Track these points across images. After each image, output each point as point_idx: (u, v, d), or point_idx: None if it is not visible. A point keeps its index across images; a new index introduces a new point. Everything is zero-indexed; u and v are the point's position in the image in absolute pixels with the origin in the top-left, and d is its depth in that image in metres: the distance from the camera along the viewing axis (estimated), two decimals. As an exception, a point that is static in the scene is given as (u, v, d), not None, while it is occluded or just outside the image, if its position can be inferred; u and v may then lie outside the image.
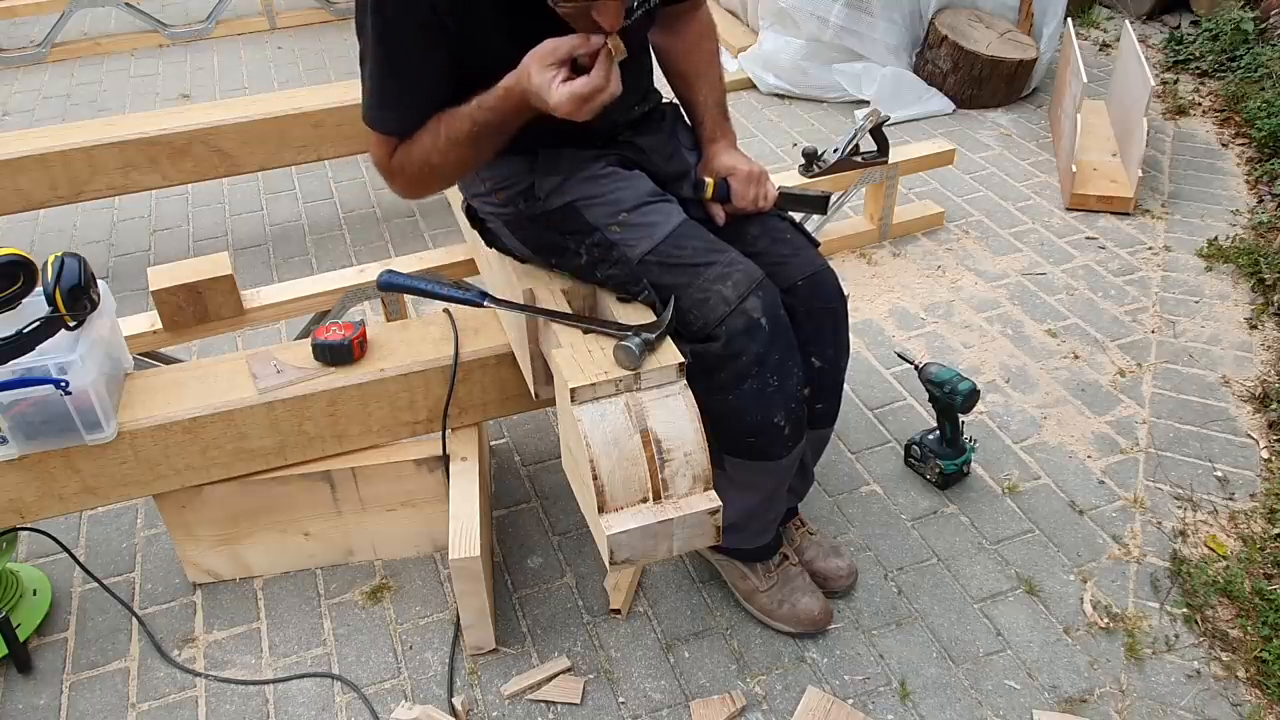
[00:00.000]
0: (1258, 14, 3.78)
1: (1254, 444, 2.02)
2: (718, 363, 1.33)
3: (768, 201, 1.52)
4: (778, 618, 1.63)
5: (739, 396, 1.34)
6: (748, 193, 1.49)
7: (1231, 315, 2.42)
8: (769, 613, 1.64)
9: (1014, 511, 1.88)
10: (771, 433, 1.38)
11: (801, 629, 1.62)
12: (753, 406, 1.35)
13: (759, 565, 1.64)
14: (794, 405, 1.40)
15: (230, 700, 1.57)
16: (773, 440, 1.39)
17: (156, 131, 2.45)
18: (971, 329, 2.40)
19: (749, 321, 1.32)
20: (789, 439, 1.41)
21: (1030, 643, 1.62)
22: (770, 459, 1.41)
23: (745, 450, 1.39)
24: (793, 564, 1.65)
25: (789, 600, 1.62)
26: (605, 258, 1.39)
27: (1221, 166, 3.12)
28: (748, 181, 1.50)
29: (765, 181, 1.52)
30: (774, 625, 1.64)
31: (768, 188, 1.52)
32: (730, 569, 1.68)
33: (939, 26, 3.49)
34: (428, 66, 1.27)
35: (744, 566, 1.65)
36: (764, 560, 1.63)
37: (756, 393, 1.34)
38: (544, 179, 1.43)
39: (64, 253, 1.45)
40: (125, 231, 2.96)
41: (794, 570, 1.65)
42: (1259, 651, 1.58)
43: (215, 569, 1.76)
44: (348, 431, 1.66)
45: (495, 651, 1.63)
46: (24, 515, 1.56)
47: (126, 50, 4.38)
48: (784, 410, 1.38)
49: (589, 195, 1.42)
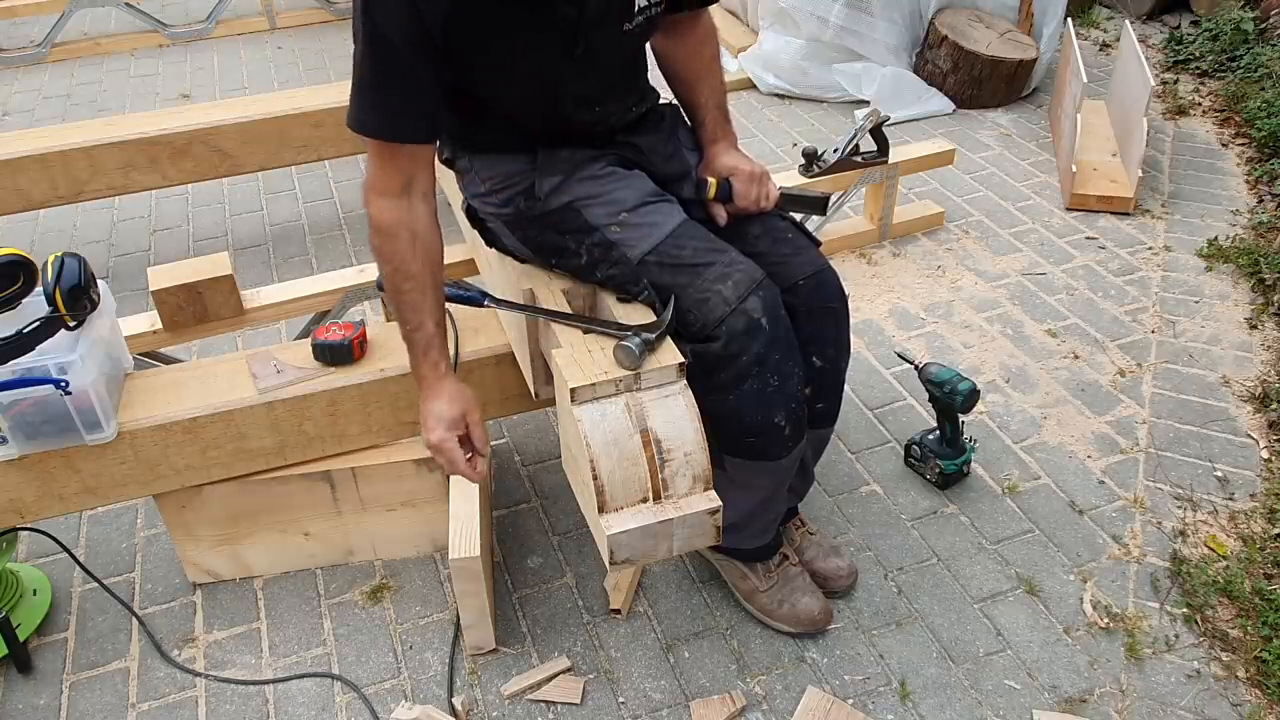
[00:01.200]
0: (1258, 14, 3.78)
1: (1254, 444, 2.02)
2: (718, 363, 1.33)
3: (770, 201, 1.52)
4: (777, 618, 1.63)
5: (739, 396, 1.34)
6: (750, 192, 1.50)
7: (1231, 315, 2.42)
8: (769, 613, 1.64)
9: (1014, 511, 1.88)
10: (772, 433, 1.38)
11: (801, 629, 1.62)
12: (753, 406, 1.35)
13: (759, 565, 1.64)
14: (794, 405, 1.40)
15: (230, 700, 1.57)
16: (773, 440, 1.39)
17: (156, 131, 2.44)
18: (971, 329, 2.40)
19: (749, 322, 1.32)
20: (789, 439, 1.40)
21: (1030, 643, 1.62)
22: (770, 459, 1.41)
23: (745, 450, 1.39)
24: (793, 564, 1.65)
25: (789, 600, 1.62)
26: (605, 258, 1.39)
27: (1221, 166, 3.12)
28: (750, 181, 1.50)
29: (767, 181, 1.52)
30: (774, 625, 1.64)
31: (769, 187, 1.52)
32: (730, 569, 1.68)
33: (939, 26, 3.49)
34: (411, 79, 1.25)
35: (744, 566, 1.65)
36: (764, 560, 1.63)
37: (757, 393, 1.34)
38: (544, 179, 1.42)
39: (64, 253, 1.45)
40: (125, 231, 2.96)
41: (794, 570, 1.65)
42: (1259, 651, 1.58)
43: (215, 569, 1.76)
44: (348, 431, 1.66)
45: (495, 651, 1.63)
46: (24, 515, 1.56)
47: (126, 50, 4.38)
48: (784, 410, 1.38)
49: (589, 195, 1.42)
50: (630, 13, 1.33)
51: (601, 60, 1.36)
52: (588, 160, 1.44)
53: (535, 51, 1.30)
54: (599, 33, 1.32)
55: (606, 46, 1.35)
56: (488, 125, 1.43)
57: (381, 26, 1.20)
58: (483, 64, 1.28)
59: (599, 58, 1.35)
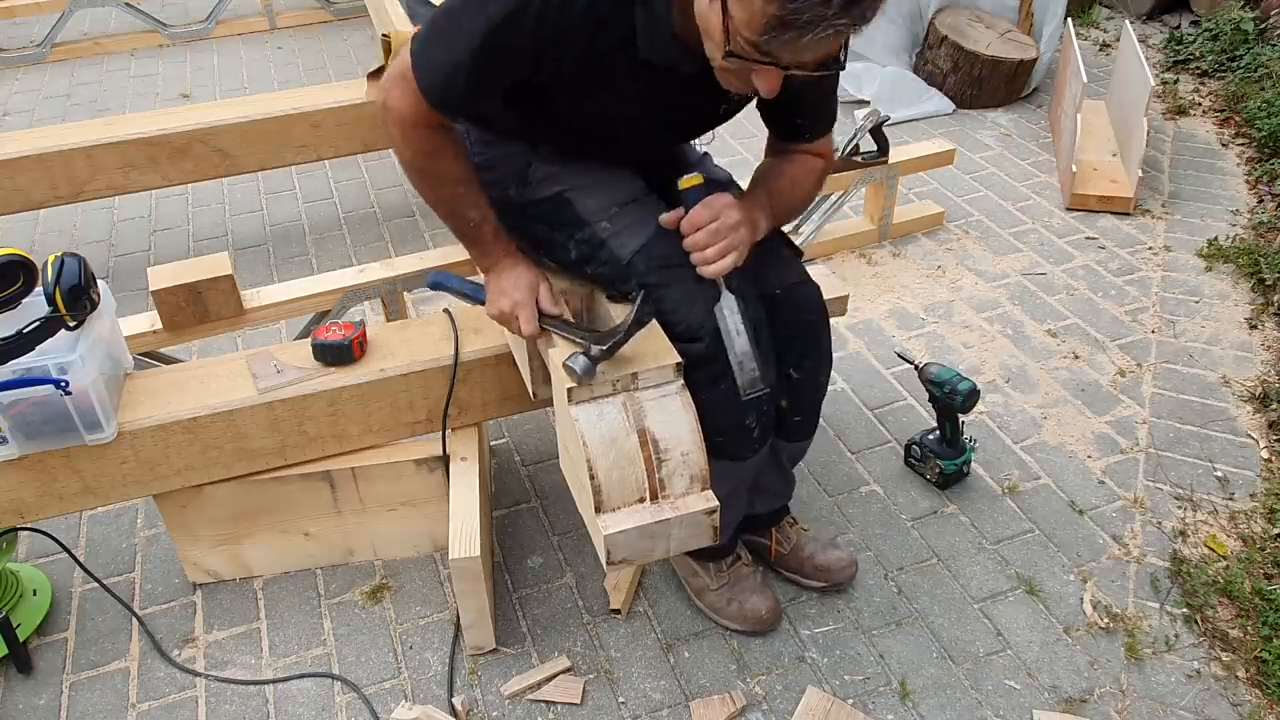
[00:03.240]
0: (1258, 14, 3.78)
1: (1254, 444, 2.02)
2: (698, 362, 1.33)
3: (711, 238, 1.29)
4: (725, 615, 1.64)
5: (713, 396, 1.34)
6: (701, 218, 1.30)
7: (1231, 315, 2.42)
8: (717, 610, 1.65)
9: (1014, 511, 1.88)
10: (740, 433, 1.39)
11: (748, 627, 1.63)
12: (726, 407, 1.35)
13: (711, 565, 1.65)
14: (765, 408, 1.40)
15: (230, 700, 1.57)
16: (740, 441, 1.39)
17: (156, 131, 2.44)
18: (971, 329, 2.40)
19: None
20: (756, 441, 1.41)
21: (1030, 643, 1.62)
22: (736, 459, 1.41)
23: (713, 449, 1.36)
24: (745, 564, 1.66)
25: (737, 599, 1.63)
26: (594, 255, 1.40)
27: (1221, 166, 3.12)
28: (714, 210, 1.30)
29: (729, 234, 1.29)
30: (721, 623, 1.65)
31: (724, 242, 1.29)
32: (682, 564, 1.69)
33: (939, 26, 3.48)
34: (488, 88, 1.27)
35: (696, 564, 1.66)
36: (717, 560, 1.64)
37: (731, 394, 1.35)
38: (540, 165, 1.43)
39: (64, 253, 1.45)
40: (125, 231, 2.95)
41: (745, 570, 1.65)
42: (1259, 651, 1.58)
43: (215, 569, 1.76)
44: (348, 431, 1.66)
45: (495, 651, 1.62)
46: (24, 515, 1.56)
47: (126, 50, 4.37)
48: (756, 413, 1.38)
49: (580, 185, 1.42)
50: (728, 96, 1.30)
51: (684, 124, 1.42)
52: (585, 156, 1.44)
53: (624, 103, 1.32)
54: (694, 105, 1.36)
55: (694, 116, 1.41)
56: (546, 130, 1.43)
57: (501, 38, 1.19)
58: (572, 95, 1.30)
59: (682, 122, 1.41)
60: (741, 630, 1.64)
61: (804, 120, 1.44)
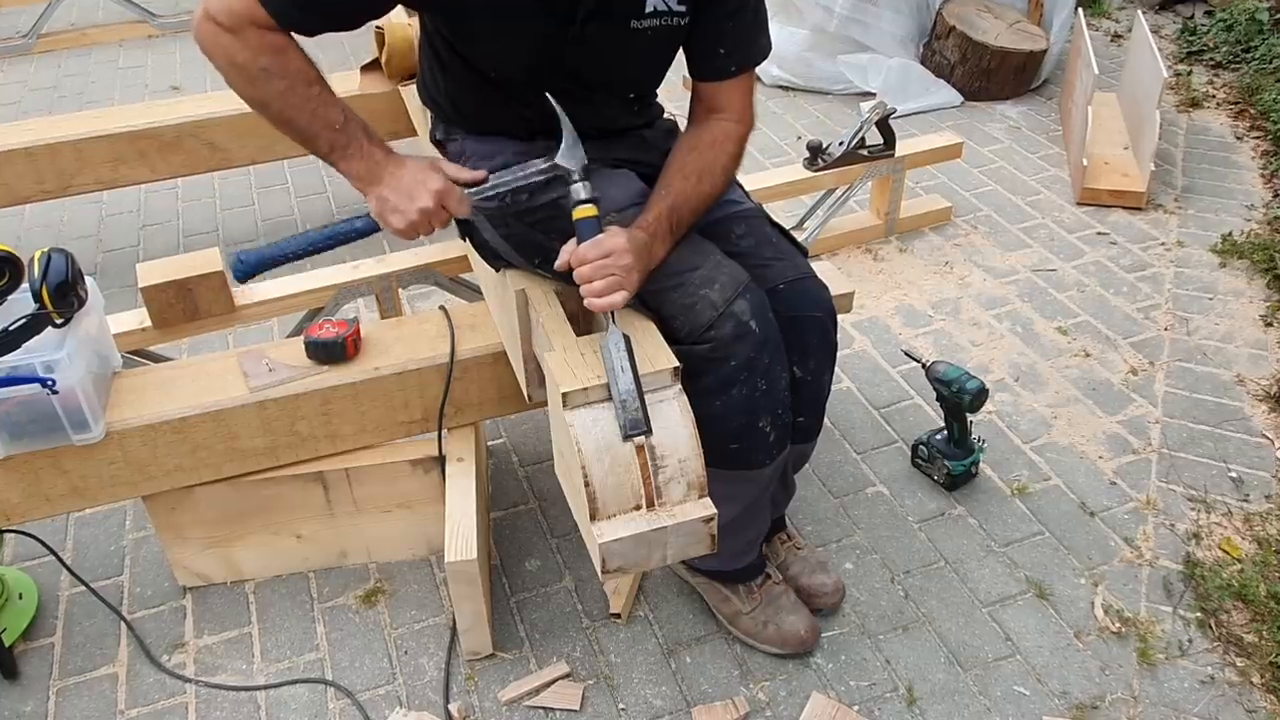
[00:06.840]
0: (1272, 4, 3.75)
1: (1269, 444, 1.99)
2: (704, 366, 1.29)
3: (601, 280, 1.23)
4: (764, 640, 1.58)
5: (726, 402, 1.30)
6: (590, 255, 1.23)
7: (1246, 312, 2.39)
8: (754, 635, 1.59)
9: (1023, 513, 1.85)
10: (756, 439, 1.34)
11: (789, 650, 1.57)
12: (739, 412, 1.31)
13: (741, 587, 1.59)
14: (780, 410, 1.36)
15: (221, 707, 1.55)
16: (756, 447, 1.35)
17: (145, 124, 2.41)
18: (980, 326, 2.37)
19: (738, 325, 1.29)
20: (773, 446, 1.37)
21: (1040, 648, 1.60)
22: (753, 467, 1.37)
23: (728, 458, 1.34)
24: (775, 582, 1.61)
25: (774, 621, 1.57)
26: None
27: (1236, 160, 3.09)
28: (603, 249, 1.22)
29: (619, 272, 1.22)
30: (760, 648, 1.59)
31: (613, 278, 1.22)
32: (712, 592, 1.63)
33: (946, 17, 3.45)
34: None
35: (725, 589, 1.60)
36: (746, 582, 1.59)
37: (745, 398, 1.31)
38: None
39: (51, 248, 1.43)
40: (114, 226, 2.93)
41: (778, 589, 1.60)
42: (1274, 657, 1.55)
43: (206, 572, 1.73)
44: (341, 431, 1.63)
45: (492, 657, 1.60)
46: (10, 517, 1.54)
47: (114, 41, 4.34)
48: (770, 415, 1.34)
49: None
50: (640, 12, 1.27)
51: (599, 49, 1.32)
52: None
53: (530, 21, 1.26)
54: (600, 20, 1.28)
55: (607, 37, 1.30)
56: (477, 94, 1.38)
57: None
58: (475, 8, 1.24)
59: (596, 45, 1.31)
60: (783, 654, 1.58)
61: (727, 48, 1.35)
